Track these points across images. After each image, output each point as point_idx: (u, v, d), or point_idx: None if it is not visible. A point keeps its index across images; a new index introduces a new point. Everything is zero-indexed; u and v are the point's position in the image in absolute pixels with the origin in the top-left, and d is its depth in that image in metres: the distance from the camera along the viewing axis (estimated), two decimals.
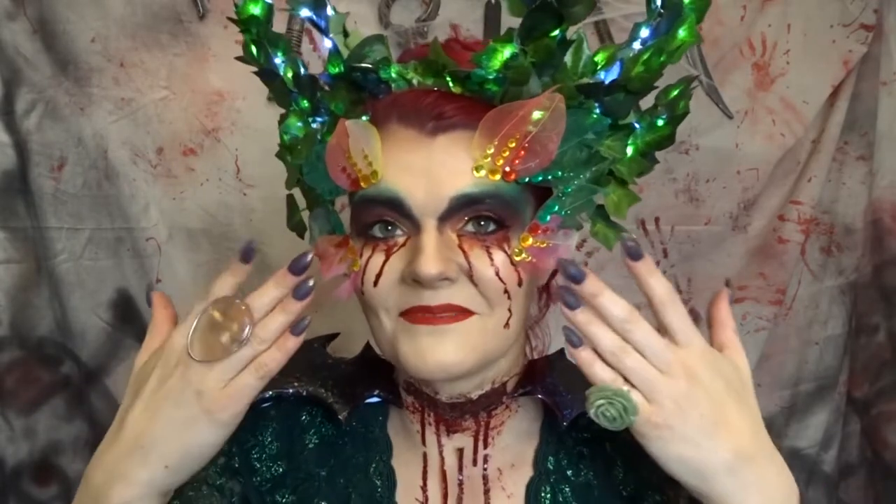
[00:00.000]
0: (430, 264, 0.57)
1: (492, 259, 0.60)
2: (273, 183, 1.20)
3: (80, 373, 1.27)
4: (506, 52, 0.57)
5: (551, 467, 0.69)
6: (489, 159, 0.58)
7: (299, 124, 0.68)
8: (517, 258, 0.60)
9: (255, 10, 0.64)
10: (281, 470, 0.71)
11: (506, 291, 0.60)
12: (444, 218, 0.59)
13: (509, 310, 0.61)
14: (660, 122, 0.64)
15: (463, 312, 0.60)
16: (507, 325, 0.62)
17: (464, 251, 0.59)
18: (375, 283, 0.61)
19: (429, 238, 0.58)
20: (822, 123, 1.26)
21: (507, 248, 0.60)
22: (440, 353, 0.60)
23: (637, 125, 0.64)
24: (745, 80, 1.23)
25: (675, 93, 0.63)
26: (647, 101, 0.65)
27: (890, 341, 1.34)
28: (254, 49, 0.66)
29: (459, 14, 1.17)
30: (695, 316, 0.61)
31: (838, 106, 1.25)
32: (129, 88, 1.19)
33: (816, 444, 1.38)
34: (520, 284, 0.61)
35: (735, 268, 1.29)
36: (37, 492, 1.28)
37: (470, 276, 0.59)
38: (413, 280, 0.58)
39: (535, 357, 0.76)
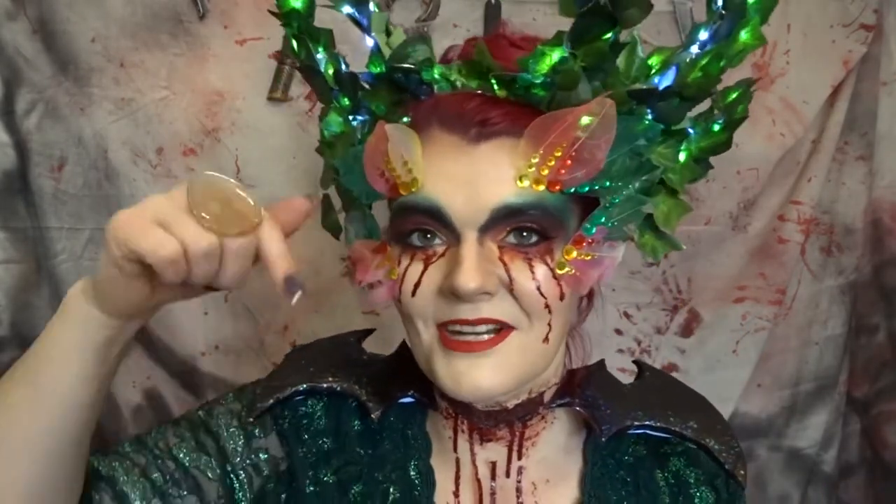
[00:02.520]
0: (469, 278, 0.55)
1: (533, 272, 0.57)
2: (273, 183, 1.21)
3: None
4: (554, 55, 0.55)
5: (595, 492, 0.68)
6: (534, 169, 0.56)
7: (340, 121, 0.66)
8: (560, 271, 0.58)
9: (297, 3, 0.61)
10: (327, 447, 0.70)
11: (546, 306, 0.58)
12: (485, 229, 0.57)
13: (549, 324, 0.59)
14: (716, 128, 0.61)
15: (501, 329, 0.58)
16: (546, 339, 0.60)
17: (504, 263, 0.57)
18: (413, 294, 0.59)
19: (468, 250, 0.56)
20: (822, 123, 1.26)
21: (549, 260, 0.58)
22: (477, 377, 0.58)
23: (691, 131, 0.61)
24: None
25: (735, 96, 0.60)
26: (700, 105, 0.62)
27: (890, 341, 1.34)
28: (295, 44, 0.63)
29: (459, 14, 1.17)
30: (694, 316, 0.60)
31: (838, 106, 1.25)
32: (130, 88, 1.19)
33: (816, 444, 1.38)
34: (561, 298, 0.59)
35: (735, 268, 1.29)
36: None
37: (510, 289, 0.58)
38: (451, 293, 0.57)
39: (574, 367, 0.74)
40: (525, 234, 0.58)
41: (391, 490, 0.67)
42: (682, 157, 0.61)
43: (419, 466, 0.68)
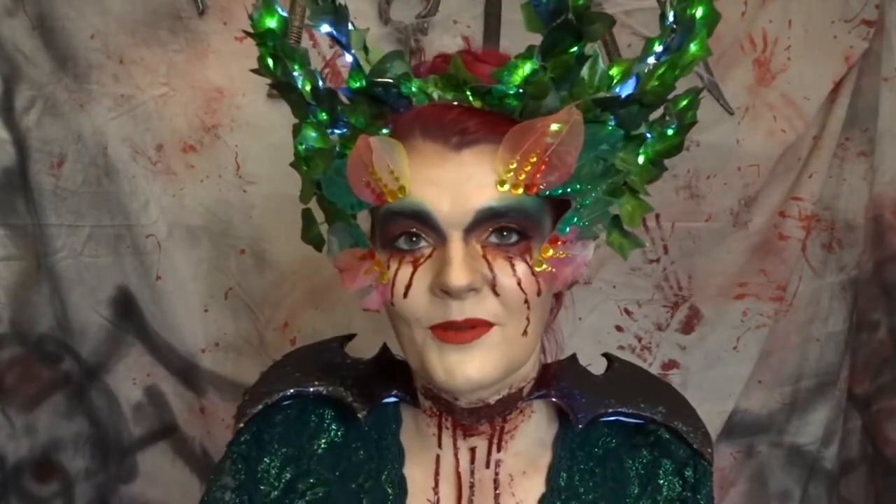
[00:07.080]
0: (458, 275, 0.58)
1: (514, 269, 0.61)
2: (273, 180, 1.21)
3: (80, 370, 1.27)
4: (526, 67, 0.59)
5: (563, 483, 0.71)
6: (512, 174, 0.60)
7: (315, 135, 0.69)
8: (538, 269, 0.62)
9: (272, 23, 0.65)
10: (289, 476, 0.73)
11: (526, 301, 0.62)
12: (470, 230, 0.60)
13: (527, 318, 0.63)
14: (669, 132, 0.66)
15: (485, 325, 0.62)
16: (525, 332, 0.64)
17: (487, 262, 0.61)
18: (405, 295, 0.62)
19: (456, 249, 0.60)
20: (823, 119, 1.26)
21: (528, 258, 0.62)
22: (469, 368, 0.62)
23: (648, 135, 0.66)
24: (745, 76, 1.23)
25: (684, 103, 0.65)
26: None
27: (891, 338, 1.34)
28: (269, 62, 0.66)
29: (459, 10, 1.17)
30: (694, 312, 0.62)
31: (839, 102, 1.25)
32: (129, 85, 1.19)
33: (817, 440, 1.38)
34: (539, 294, 0.63)
35: (736, 264, 1.29)
36: (37, 489, 1.29)
37: (493, 286, 0.61)
38: (442, 291, 0.60)
39: (549, 362, 0.77)
40: (506, 234, 0.62)
41: (364, 501, 0.71)
42: (640, 160, 0.66)
43: (392, 476, 0.72)
